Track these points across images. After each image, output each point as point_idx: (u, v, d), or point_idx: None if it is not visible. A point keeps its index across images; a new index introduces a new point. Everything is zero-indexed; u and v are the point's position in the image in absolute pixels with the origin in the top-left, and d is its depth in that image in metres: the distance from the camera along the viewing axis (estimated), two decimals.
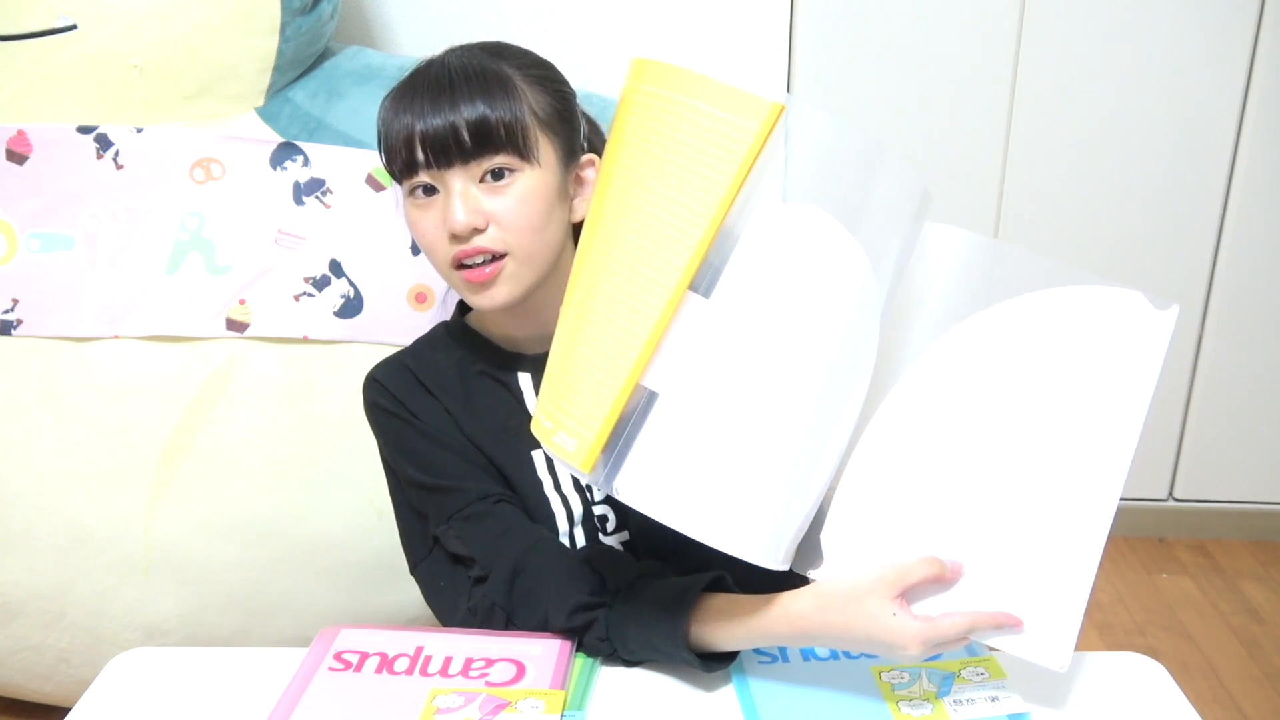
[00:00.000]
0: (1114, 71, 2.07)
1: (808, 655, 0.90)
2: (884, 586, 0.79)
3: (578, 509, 1.03)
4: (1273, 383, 2.27)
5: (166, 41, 1.47)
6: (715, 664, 0.87)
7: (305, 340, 1.49)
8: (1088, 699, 0.86)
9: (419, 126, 0.93)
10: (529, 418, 0.91)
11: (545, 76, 1.00)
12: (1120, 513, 0.82)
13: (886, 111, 2.12)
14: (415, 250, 1.53)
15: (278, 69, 1.55)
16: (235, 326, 1.47)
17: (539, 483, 1.03)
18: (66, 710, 0.86)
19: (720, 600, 0.86)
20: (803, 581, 0.84)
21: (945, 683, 0.85)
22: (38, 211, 1.48)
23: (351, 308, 1.50)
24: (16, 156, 1.49)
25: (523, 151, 0.94)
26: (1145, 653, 0.93)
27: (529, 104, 0.95)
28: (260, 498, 1.48)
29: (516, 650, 0.89)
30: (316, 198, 1.52)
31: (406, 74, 0.98)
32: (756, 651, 0.90)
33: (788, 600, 0.82)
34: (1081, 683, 0.88)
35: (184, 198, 1.49)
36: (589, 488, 1.03)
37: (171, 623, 1.50)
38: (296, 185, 1.51)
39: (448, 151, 0.93)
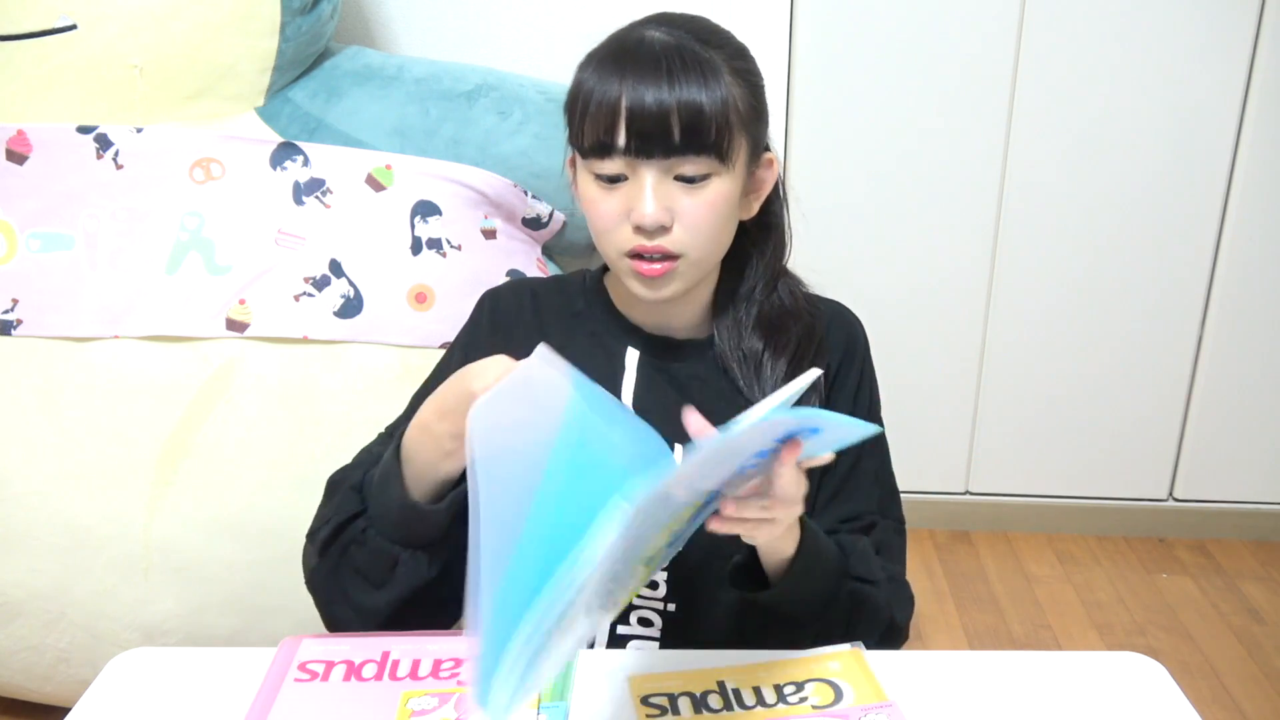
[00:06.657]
0: (1114, 71, 2.07)
1: None
2: None
3: None
4: (1273, 383, 2.27)
5: (166, 41, 1.47)
6: None
7: (305, 340, 1.48)
8: (1088, 699, 0.86)
9: (626, 114, 0.88)
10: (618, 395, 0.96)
11: (747, 69, 0.94)
12: (1120, 513, 0.81)
13: (886, 111, 2.12)
14: (415, 250, 1.53)
15: (278, 69, 1.55)
16: (235, 326, 1.47)
17: None
18: (66, 710, 0.85)
19: None
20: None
21: None
22: (38, 211, 1.48)
23: (351, 308, 1.50)
24: (16, 156, 1.49)
25: (723, 155, 0.90)
26: (1145, 653, 0.92)
27: (735, 102, 0.90)
28: (260, 498, 1.47)
29: None
30: (316, 198, 1.52)
31: (608, 44, 0.92)
32: None
33: None
34: (1081, 683, 0.88)
35: (184, 198, 1.49)
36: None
37: (171, 623, 1.50)
38: (296, 185, 1.51)
39: (651, 143, 0.88)
